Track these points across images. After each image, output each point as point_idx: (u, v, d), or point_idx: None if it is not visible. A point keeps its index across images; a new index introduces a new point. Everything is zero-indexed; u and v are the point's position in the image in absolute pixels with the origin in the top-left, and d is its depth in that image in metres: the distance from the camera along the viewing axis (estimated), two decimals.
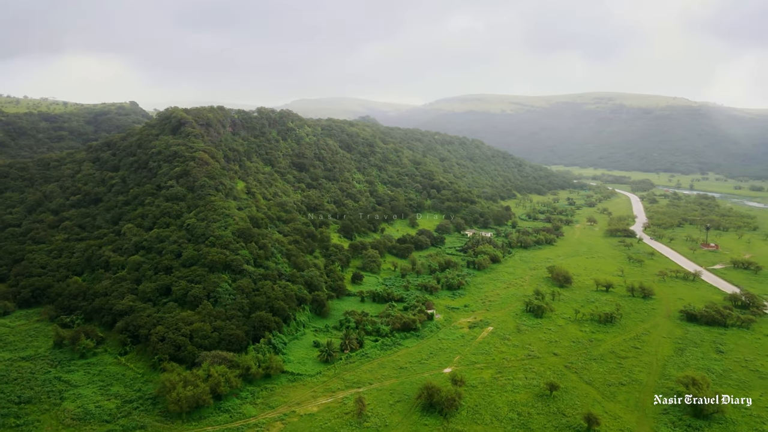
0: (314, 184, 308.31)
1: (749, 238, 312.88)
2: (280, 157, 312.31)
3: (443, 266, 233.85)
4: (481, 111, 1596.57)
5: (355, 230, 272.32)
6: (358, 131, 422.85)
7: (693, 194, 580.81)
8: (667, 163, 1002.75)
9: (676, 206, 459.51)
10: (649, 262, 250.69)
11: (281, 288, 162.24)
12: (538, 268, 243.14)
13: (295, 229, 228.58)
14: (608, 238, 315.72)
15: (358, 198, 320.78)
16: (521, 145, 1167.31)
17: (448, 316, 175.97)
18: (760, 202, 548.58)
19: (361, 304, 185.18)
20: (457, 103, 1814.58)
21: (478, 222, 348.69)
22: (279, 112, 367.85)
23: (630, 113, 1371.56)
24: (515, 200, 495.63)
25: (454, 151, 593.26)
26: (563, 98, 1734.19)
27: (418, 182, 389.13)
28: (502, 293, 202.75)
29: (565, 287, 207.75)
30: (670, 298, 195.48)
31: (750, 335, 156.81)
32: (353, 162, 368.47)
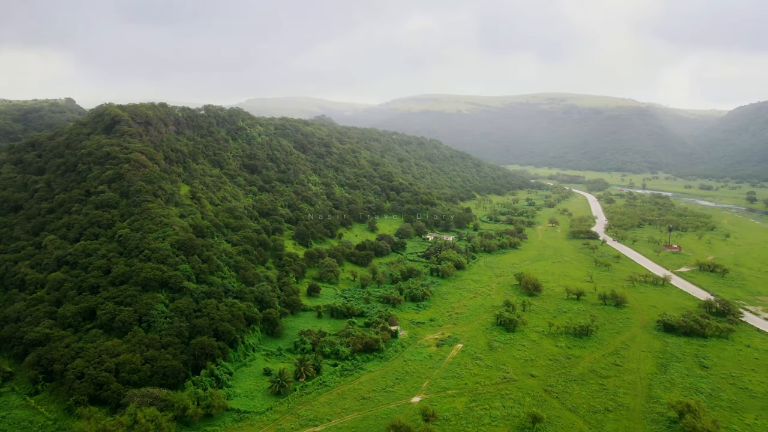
0: (267, 187, 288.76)
1: (709, 239, 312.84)
2: (230, 158, 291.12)
3: (406, 275, 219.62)
4: (437, 111, 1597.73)
5: (311, 236, 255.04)
6: (314, 131, 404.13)
7: (647, 193, 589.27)
8: (618, 163, 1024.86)
9: (633, 206, 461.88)
10: (616, 266, 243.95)
11: (228, 307, 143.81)
12: (504, 274, 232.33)
13: (246, 237, 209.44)
14: (572, 240, 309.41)
15: (314, 201, 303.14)
16: (477, 145, 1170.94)
17: (413, 333, 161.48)
18: (711, 201, 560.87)
19: (318, 321, 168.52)
20: (414, 103, 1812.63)
21: (439, 225, 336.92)
22: (228, 110, 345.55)
23: (582, 113, 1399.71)
24: (475, 201, 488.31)
25: (412, 152, 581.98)
26: (517, 98, 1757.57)
27: (377, 184, 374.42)
28: (470, 304, 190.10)
29: (534, 296, 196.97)
30: (642, 305, 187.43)
31: (731, 346, 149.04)
32: (309, 163, 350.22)
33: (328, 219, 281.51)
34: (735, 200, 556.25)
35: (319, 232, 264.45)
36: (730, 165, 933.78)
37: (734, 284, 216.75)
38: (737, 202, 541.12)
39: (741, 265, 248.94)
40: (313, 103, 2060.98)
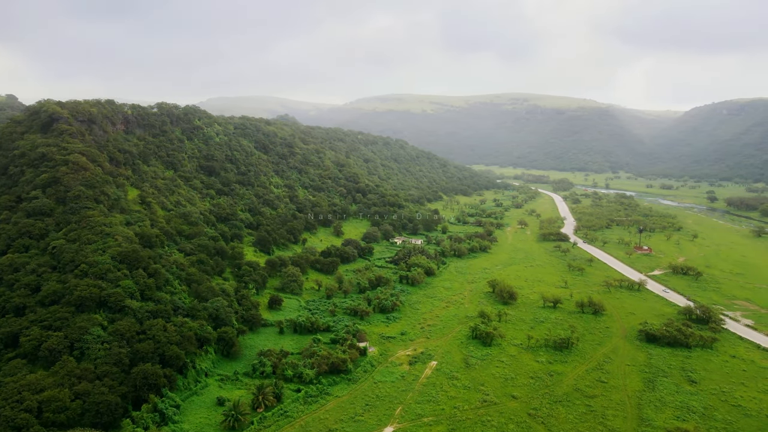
0: (226, 191, 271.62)
1: (677, 239, 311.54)
2: (185, 159, 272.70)
3: (374, 283, 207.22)
4: (402, 111, 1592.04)
5: (273, 243, 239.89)
6: (276, 130, 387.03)
7: (611, 193, 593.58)
8: (581, 162, 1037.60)
9: (600, 206, 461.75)
10: (589, 270, 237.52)
11: (177, 327, 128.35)
12: (476, 280, 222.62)
13: (201, 245, 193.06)
14: (542, 243, 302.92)
15: (276, 205, 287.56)
16: (443, 145, 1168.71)
17: (383, 349, 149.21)
18: (673, 200, 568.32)
19: (280, 338, 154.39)
20: (378, 102, 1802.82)
21: (407, 228, 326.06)
22: (184, 108, 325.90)
23: (545, 114, 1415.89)
24: (442, 202, 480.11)
25: (378, 152, 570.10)
26: (481, 98, 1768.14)
27: (342, 186, 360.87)
28: (442, 314, 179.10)
29: (510, 304, 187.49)
30: (620, 312, 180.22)
31: (716, 357, 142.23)
32: (271, 164, 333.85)
33: (291, 223, 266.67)
34: (696, 199, 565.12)
35: (282, 238, 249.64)
36: (687, 165, 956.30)
37: (709, 288, 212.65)
38: (698, 201, 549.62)
39: (712, 267, 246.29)
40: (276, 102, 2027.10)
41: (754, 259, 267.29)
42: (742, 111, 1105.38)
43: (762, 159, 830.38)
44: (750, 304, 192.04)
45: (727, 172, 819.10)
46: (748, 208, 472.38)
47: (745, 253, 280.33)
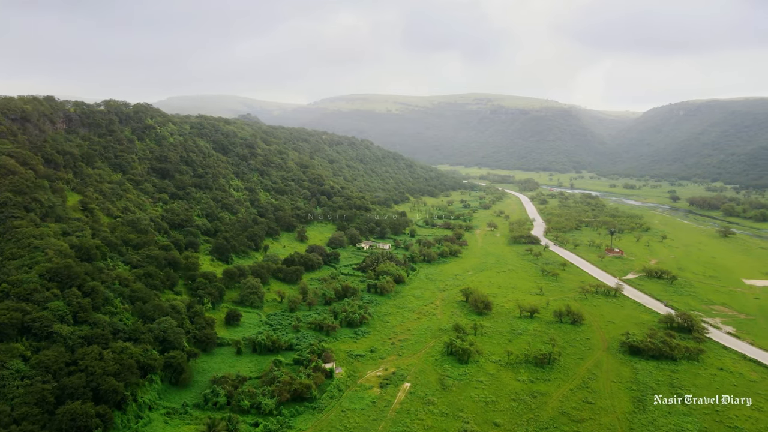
0: (180, 194, 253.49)
1: (647, 241, 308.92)
2: (135, 161, 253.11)
3: (340, 294, 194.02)
4: (367, 111, 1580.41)
5: (232, 250, 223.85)
6: (236, 130, 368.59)
7: (577, 193, 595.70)
8: (545, 162, 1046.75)
9: (567, 207, 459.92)
10: (563, 275, 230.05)
11: (116, 354, 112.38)
12: (448, 288, 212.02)
13: (150, 256, 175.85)
14: (513, 246, 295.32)
15: (236, 209, 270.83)
16: (408, 145, 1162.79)
17: (352, 369, 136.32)
18: (637, 200, 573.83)
19: (238, 360, 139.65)
20: (343, 102, 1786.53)
21: (374, 232, 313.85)
22: (134, 106, 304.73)
23: (509, 114, 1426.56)
24: (409, 204, 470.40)
25: (343, 152, 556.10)
26: (446, 98, 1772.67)
27: (306, 188, 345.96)
28: (414, 327, 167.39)
29: (484, 314, 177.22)
30: (599, 321, 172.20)
31: (704, 370, 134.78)
32: (230, 166, 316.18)
33: (252, 229, 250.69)
34: (659, 199, 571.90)
35: (242, 245, 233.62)
36: (647, 164, 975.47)
37: (684, 292, 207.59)
38: (661, 201, 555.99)
39: (685, 270, 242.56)
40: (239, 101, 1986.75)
41: (723, 260, 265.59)
42: (698, 112, 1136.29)
43: (718, 159, 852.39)
44: (728, 309, 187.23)
45: (686, 172, 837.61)
46: (710, 208, 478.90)
47: (714, 254, 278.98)
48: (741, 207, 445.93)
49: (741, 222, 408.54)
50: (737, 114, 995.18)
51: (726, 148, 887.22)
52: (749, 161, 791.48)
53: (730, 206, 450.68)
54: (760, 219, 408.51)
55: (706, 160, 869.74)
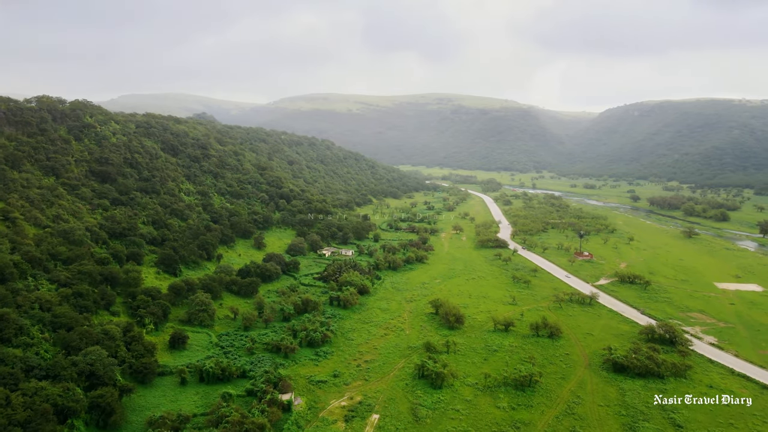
0: (123, 200, 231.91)
1: (615, 243, 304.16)
2: (71, 164, 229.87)
3: (300, 308, 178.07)
4: (327, 110, 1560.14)
5: (181, 261, 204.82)
6: (188, 130, 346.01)
7: (540, 193, 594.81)
8: (506, 162, 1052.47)
9: (532, 208, 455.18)
10: (535, 282, 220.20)
11: (26, 398, 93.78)
12: (416, 298, 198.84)
13: (82, 272, 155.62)
14: (481, 250, 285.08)
15: (186, 215, 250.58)
16: (369, 145, 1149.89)
17: (313, 399, 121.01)
18: (598, 200, 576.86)
19: (182, 392, 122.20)
20: (303, 102, 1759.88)
21: (336, 237, 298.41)
22: (71, 103, 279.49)
23: (469, 114, 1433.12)
24: (372, 206, 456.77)
25: (303, 153, 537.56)
26: (407, 98, 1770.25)
27: (264, 191, 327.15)
28: (381, 345, 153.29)
29: (456, 329, 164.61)
30: (577, 333, 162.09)
31: (693, 389, 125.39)
32: (181, 168, 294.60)
33: (204, 237, 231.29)
34: (619, 199, 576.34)
35: (193, 255, 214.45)
36: (605, 164, 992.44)
37: (660, 298, 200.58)
38: (622, 201, 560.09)
39: (656, 274, 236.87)
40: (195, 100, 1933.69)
41: (692, 262, 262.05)
42: (652, 113, 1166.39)
43: (673, 158, 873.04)
44: (705, 316, 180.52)
45: (643, 171, 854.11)
46: (670, 208, 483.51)
47: (682, 256, 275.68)
48: (701, 207, 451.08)
49: (702, 222, 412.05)
50: (689, 115, 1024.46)
51: (680, 148, 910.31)
52: (702, 161, 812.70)
53: (690, 206, 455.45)
54: (719, 219, 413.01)
55: (662, 160, 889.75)
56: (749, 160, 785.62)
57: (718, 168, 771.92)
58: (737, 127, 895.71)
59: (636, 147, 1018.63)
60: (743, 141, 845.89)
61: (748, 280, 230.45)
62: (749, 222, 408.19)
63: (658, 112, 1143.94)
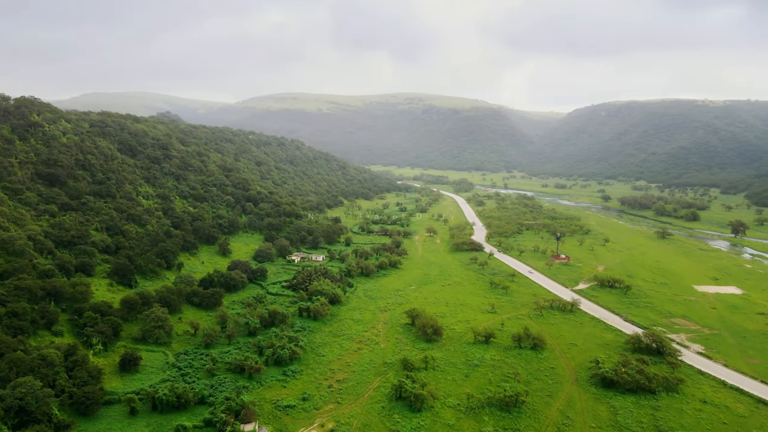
0: (74, 205, 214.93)
1: (590, 245, 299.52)
2: (15, 165, 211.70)
3: (267, 321, 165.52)
4: (297, 110, 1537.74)
5: (137, 271, 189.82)
6: (147, 129, 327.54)
7: (512, 193, 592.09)
8: (477, 162, 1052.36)
9: (505, 208, 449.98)
10: (513, 287, 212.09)
11: None
12: (390, 307, 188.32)
13: (20, 287, 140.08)
14: (456, 254, 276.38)
15: (145, 220, 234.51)
16: (340, 146, 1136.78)
17: (280, 428, 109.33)
18: (570, 200, 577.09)
19: (130, 423, 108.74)
20: (272, 101, 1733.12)
21: (306, 241, 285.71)
22: (17, 100, 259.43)
23: (440, 114, 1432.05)
24: (343, 208, 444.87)
25: (272, 154, 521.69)
26: (377, 98, 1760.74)
27: (230, 194, 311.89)
28: (354, 361, 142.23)
29: (434, 342, 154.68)
30: (561, 343, 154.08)
31: (686, 405, 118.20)
32: (139, 170, 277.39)
33: (163, 244, 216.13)
34: (590, 198, 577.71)
35: (150, 263, 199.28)
36: (574, 163, 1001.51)
37: (641, 303, 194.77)
38: (593, 201, 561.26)
39: (635, 277, 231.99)
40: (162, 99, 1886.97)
41: (669, 264, 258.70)
42: (619, 113, 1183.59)
43: (640, 158, 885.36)
44: (689, 322, 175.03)
45: (611, 171, 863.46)
46: (641, 207, 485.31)
47: (658, 258, 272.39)
48: (671, 206, 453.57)
49: (673, 221, 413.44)
50: (655, 115, 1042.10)
51: (647, 147, 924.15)
52: (669, 160, 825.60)
53: (661, 206, 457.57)
54: (690, 218, 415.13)
55: (629, 160, 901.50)
56: (713, 160, 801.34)
57: (684, 167, 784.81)
58: (701, 127, 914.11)
59: (604, 147, 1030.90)
60: (707, 141, 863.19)
61: (726, 282, 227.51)
62: (719, 221, 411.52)
63: (625, 113, 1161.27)
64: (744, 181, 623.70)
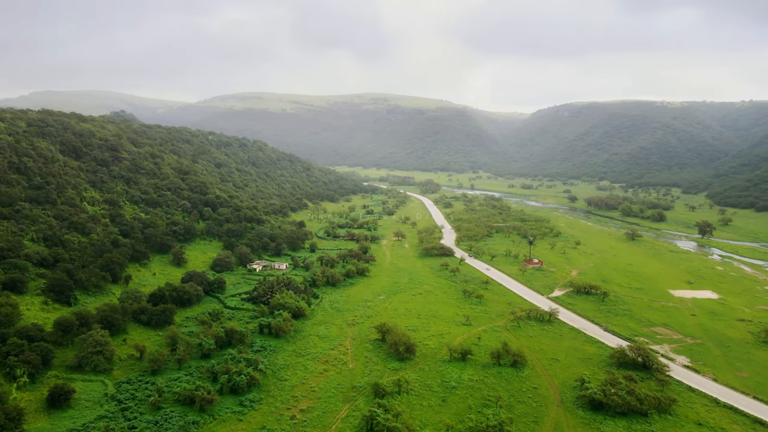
0: (6, 213, 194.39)
1: (562, 248, 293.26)
2: None
3: (224, 341, 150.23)
4: (260, 110, 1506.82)
5: (78, 286, 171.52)
6: (94, 129, 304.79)
7: (479, 194, 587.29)
8: (443, 163, 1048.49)
9: (474, 210, 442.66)
10: (488, 296, 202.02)
11: None
12: (358, 320, 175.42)
13: None
14: (425, 259, 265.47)
15: (89, 229, 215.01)
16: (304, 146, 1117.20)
17: None
18: (536, 200, 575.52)
19: None
20: (235, 101, 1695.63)
21: (269, 248, 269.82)
22: None
23: (405, 114, 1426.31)
24: (308, 211, 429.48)
25: (233, 155, 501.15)
26: (342, 98, 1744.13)
27: (186, 198, 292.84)
28: (320, 386, 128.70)
29: (407, 360, 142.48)
30: (541, 359, 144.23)
31: (681, 428, 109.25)
32: (84, 174, 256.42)
33: (109, 254, 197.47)
34: (557, 199, 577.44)
35: (94, 277, 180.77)
36: (538, 163, 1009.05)
37: (619, 311, 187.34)
38: (560, 201, 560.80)
39: (610, 282, 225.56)
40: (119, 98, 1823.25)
41: (642, 268, 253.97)
42: (581, 114, 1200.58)
43: (603, 158, 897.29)
44: (671, 331, 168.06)
45: (575, 171, 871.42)
46: (608, 208, 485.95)
47: (630, 261, 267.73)
48: (637, 207, 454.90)
49: (640, 222, 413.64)
50: (616, 116, 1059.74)
51: (609, 148, 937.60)
52: (631, 161, 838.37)
53: (627, 206, 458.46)
54: (657, 219, 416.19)
55: (592, 160, 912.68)
56: (673, 160, 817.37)
57: (645, 167, 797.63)
58: (661, 128, 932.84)
59: (567, 147, 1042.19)
60: (667, 141, 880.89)
61: (701, 286, 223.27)
62: (685, 222, 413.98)
63: (587, 113, 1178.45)
64: (704, 180, 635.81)
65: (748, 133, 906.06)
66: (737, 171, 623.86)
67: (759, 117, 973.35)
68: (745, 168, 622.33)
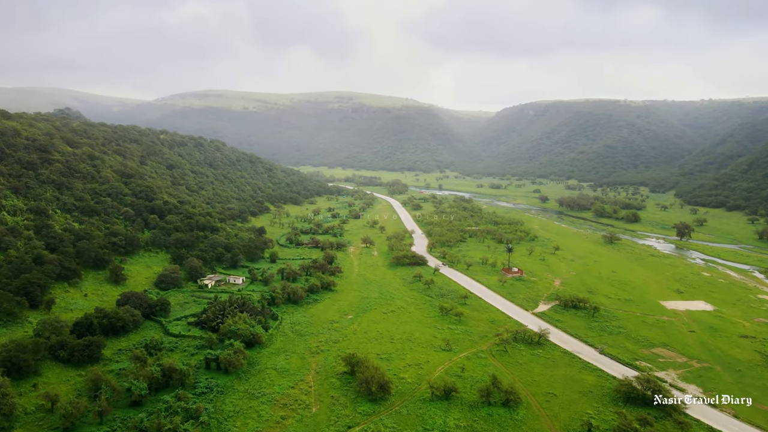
0: None
1: (541, 254, 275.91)
2: None
3: (160, 382, 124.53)
4: (221, 108, 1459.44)
5: None
6: (20, 128, 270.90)
7: (448, 195, 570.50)
8: (409, 162, 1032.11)
9: (444, 212, 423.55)
10: (468, 313, 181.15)
11: None
12: (323, 348, 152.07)
13: None
14: (396, 269, 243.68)
15: (6, 243, 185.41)
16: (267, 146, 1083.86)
17: None
18: (507, 201, 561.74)
19: None
20: (194, 99, 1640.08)
21: (224, 260, 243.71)
22: None
23: (371, 112, 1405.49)
24: (269, 215, 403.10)
25: (188, 156, 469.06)
26: (306, 96, 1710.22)
27: (129, 205, 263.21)
28: None
29: (381, 401, 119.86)
30: (536, 394, 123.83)
31: None
32: (6, 178, 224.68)
33: (28, 275, 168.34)
34: (527, 199, 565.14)
35: (6, 303, 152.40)
36: (505, 162, 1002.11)
37: (612, 328, 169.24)
38: (530, 202, 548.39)
39: (596, 292, 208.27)
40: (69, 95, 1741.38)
41: (626, 275, 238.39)
42: (546, 112, 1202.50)
43: (570, 157, 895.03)
44: (673, 352, 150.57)
45: (542, 170, 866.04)
46: (580, 208, 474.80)
47: (613, 268, 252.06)
48: (611, 207, 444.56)
49: (614, 223, 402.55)
50: (581, 114, 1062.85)
51: (575, 146, 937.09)
52: (597, 159, 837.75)
53: (600, 207, 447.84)
54: (631, 220, 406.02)
55: (559, 158, 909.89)
56: (639, 158, 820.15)
57: (612, 166, 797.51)
58: (625, 126, 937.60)
59: (534, 146, 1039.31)
60: (632, 140, 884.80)
61: (692, 296, 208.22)
62: (659, 222, 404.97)
63: (552, 112, 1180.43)
64: (670, 179, 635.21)
65: (709, 131, 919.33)
66: (703, 169, 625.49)
67: (719, 116, 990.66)
68: (710, 166, 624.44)
